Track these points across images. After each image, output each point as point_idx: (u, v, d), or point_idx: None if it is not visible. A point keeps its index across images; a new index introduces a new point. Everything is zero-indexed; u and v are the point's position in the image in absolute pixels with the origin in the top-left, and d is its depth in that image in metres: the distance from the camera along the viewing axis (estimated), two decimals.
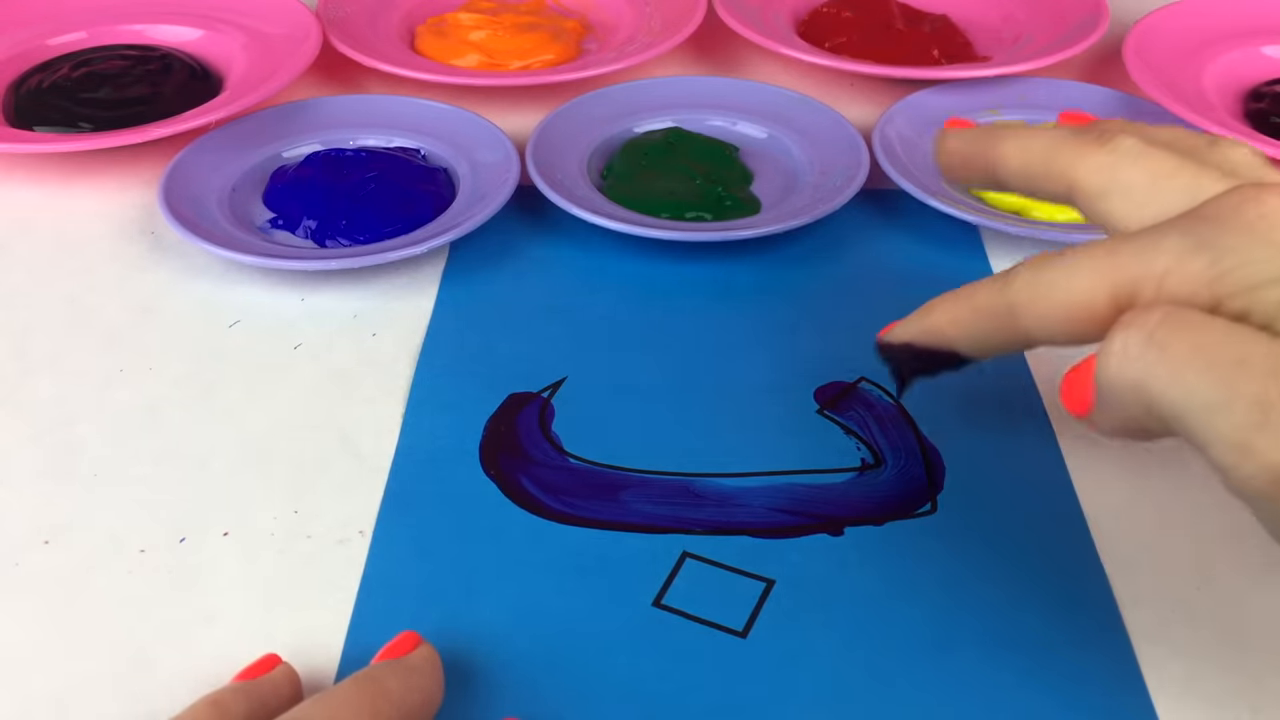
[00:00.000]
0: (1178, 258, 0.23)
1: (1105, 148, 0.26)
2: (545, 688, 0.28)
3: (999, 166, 0.29)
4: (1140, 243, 0.24)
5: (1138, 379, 0.22)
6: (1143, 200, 0.26)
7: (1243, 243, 0.23)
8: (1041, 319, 0.25)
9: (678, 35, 0.53)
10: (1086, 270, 0.24)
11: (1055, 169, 0.27)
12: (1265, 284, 0.22)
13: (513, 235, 0.43)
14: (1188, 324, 0.22)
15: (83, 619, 0.30)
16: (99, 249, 0.43)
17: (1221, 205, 0.23)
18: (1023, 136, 0.28)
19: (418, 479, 0.33)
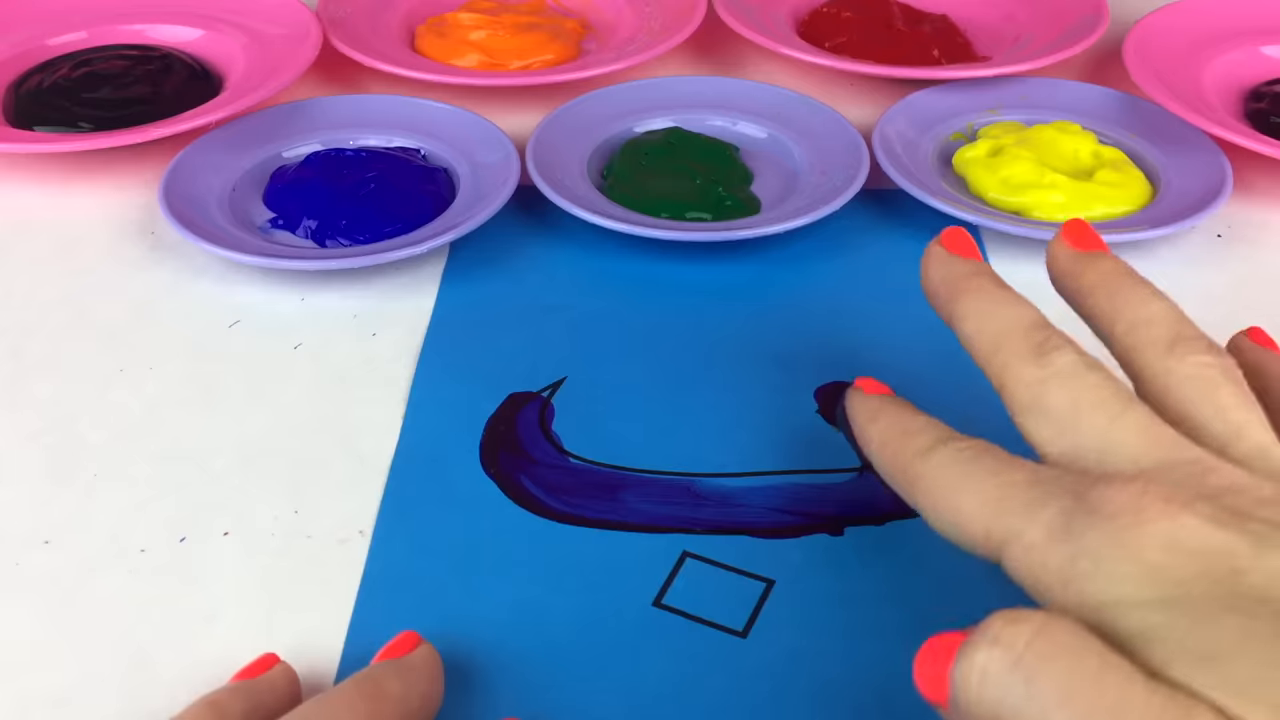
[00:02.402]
0: (1046, 539, 0.22)
1: (1039, 361, 0.25)
2: (545, 688, 0.28)
3: (955, 325, 0.28)
4: (1026, 501, 0.23)
5: (996, 712, 0.20)
6: (1059, 430, 0.24)
7: (1108, 552, 0.21)
8: (930, 514, 0.25)
9: (678, 35, 0.53)
10: (976, 500, 0.24)
11: (993, 365, 0.26)
12: (1114, 604, 0.21)
13: (513, 235, 0.43)
14: (1058, 652, 0.20)
15: (83, 619, 0.30)
16: (99, 249, 0.43)
17: (1108, 499, 0.22)
18: (985, 302, 0.27)
19: (418, 479, 0.33)
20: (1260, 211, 0.45)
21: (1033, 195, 0.43)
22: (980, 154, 0.45)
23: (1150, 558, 0.21)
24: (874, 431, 0.28)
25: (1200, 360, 0.25)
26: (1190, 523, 0.21)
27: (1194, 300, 0.41)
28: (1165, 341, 0.25)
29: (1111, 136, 0.47)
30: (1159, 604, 0.20)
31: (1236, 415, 0.24)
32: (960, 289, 0.28)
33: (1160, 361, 0.25)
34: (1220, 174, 0.44)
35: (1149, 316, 0.26)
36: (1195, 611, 0.20)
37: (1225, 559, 0.20)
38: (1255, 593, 0.20)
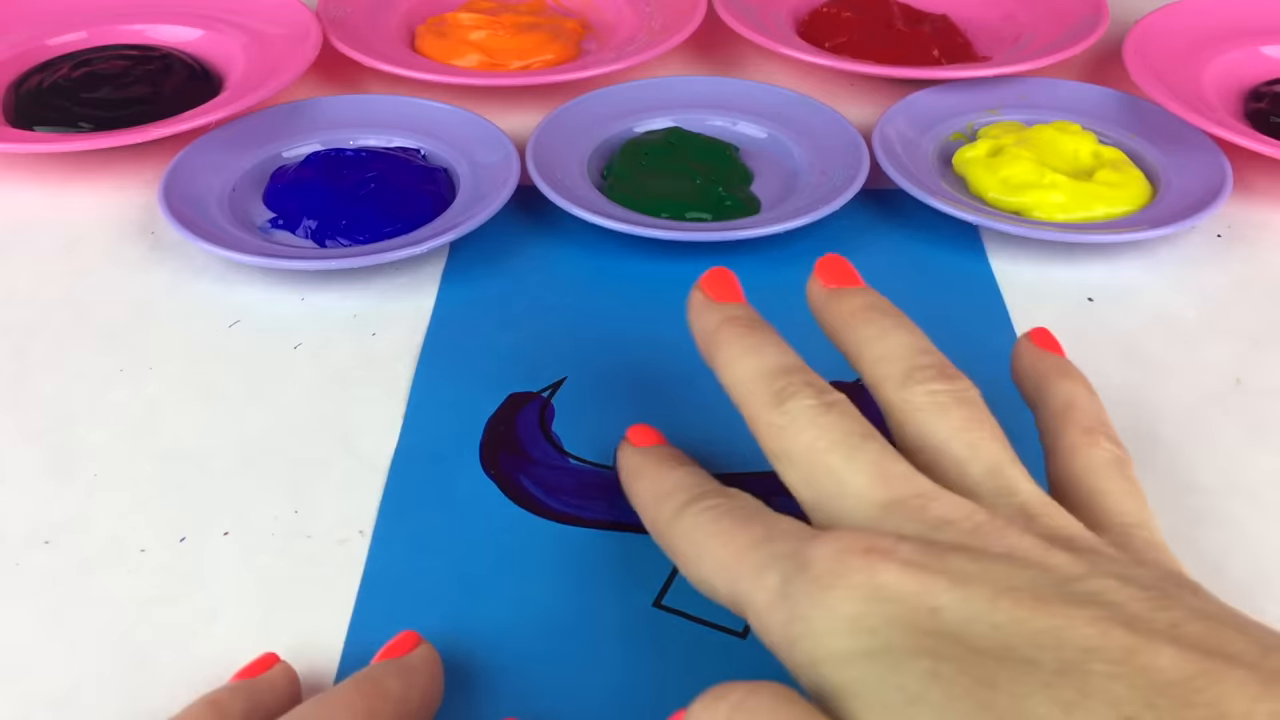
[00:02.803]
0: (770, 604, 0.22)
1: (779, 409, 0.26)
2: (545, 688, 0.28)
3: (715, 371, 0.28)
4: (754, 566, 0.23)
5: None
6: (803, 476, 0.25)
7: (814, 611, 0.21)
8: (688, 574, 0.25)
9: (678, 35, 0.53)
10: (718, 561, 0.24)
11: (746, 416, 0.27)
12: (822, 661, 0.21)
13: (513, 235, 0.43)
14: None
15: (83, 619, 0.30)
16: (99, 249, 0.43)
17: (814, 559, 0.22)
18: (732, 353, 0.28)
19: (418, 479, 0.33)
20: (1260, 211, 0.45)
21: (1033, 195, 0.43)
22: (980, 154, 0.45)
23: (848, 610, 0.21)
24: (636, 493, 0.29)
25: (930, 389, 0.26)
26: (887, 570, 0.21)
27: (1194, 300, 0.41)
28: (900, 375, 0.26)
29: (1111, 136, 0.47)
30: (858, 656, 0.20)
31: (967, 436, 0.25)
32: (714, 341, 0.28)
33: (897, 394, 0.26)
34: (1220, 174, 0.44)
35: (884, 352, 0.27)
36: (889, 660, 0.20)
37: (924, 599, 0.21)
38: (948, 630, 0.20)
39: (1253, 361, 0.38)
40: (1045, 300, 0.41)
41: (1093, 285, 0.42)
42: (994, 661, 0.19)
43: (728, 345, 0.28)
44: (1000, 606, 0.20)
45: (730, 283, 0.30)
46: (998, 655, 0.20)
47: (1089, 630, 0.20)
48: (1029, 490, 0.24)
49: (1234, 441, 0.35)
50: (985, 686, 0.19)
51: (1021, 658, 0.19)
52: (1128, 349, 0.39)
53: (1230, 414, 0.36)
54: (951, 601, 0.21)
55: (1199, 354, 0.38)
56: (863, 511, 0.24)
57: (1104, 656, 0.19)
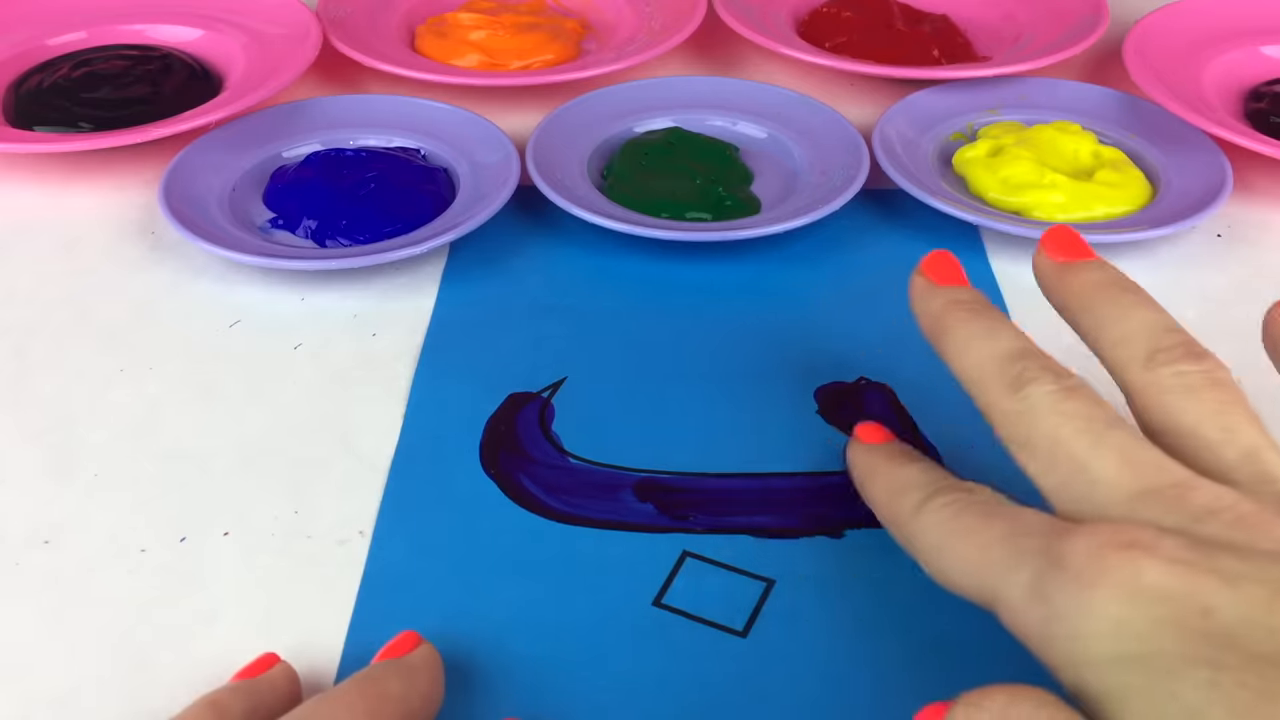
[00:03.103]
0: (1023, 602, 0.22)
1: (1016, 395, 0.25)
2: (545, 688, 0.28)
3: (943, 357, 0.28)
4: (1002, 556, 0.23)
5: None
6: (1045, 465, 0.24)
7: (1074, 611, 0.21)
8: (931, 570, 0.25)
9: (678, 35, 0.53)
10: (965, 556, 0.24)
11: (980, 403, 0.26)
12: (1086, 664, 0.20)
13: (513, 235, 0.43)
14: None
15: (83, 619, 0.30)
16: (99, 249, 0.43)
17: (1071, 554, 0.21)
18: (962, 337, 0.27)
19: (418, 479, 0.33)
20: (1260, 211, 0.45)
21: (1033, 195, 0.43)
22: (980, 154, 0.45)
23: (1112, 612, 0.20)
24: (871, 491, 0.28)
25: (1178, 369, 0.25)
26: (1152, 568, 0.20)
27: (1194, 300, 0.41)
28: (1144, 355, 0.25)
29: (1111, 136, 0.47)
30: (1127, 661, 0.20)
31: (1221, 419, 0.24)
32: (940, 327, 0.28)
33: (1141, 376, 0.25)
34: (1220, 174, 0.44)
35: (1126, 333, 0.26)
36: (1162, 666, 0.19)
37: (1194, 600, 0.20)
38: (1223, 635, 0.19)
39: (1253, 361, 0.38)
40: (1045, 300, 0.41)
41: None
42: (1276, 670, 0.19)
43: (956, 330, 0.27)
44: (1277, 609, 0.19)
45: (952, 265, 0.29)
46: (1276, 662, 0.19)
47: None
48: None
49: None
50: (1269, 699, 0.18)
51: None
52: None
53: None
54: (1225, 603, 0.20)
55: None
56: (1114, 501, 0.23)
57: None
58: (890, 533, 0.27)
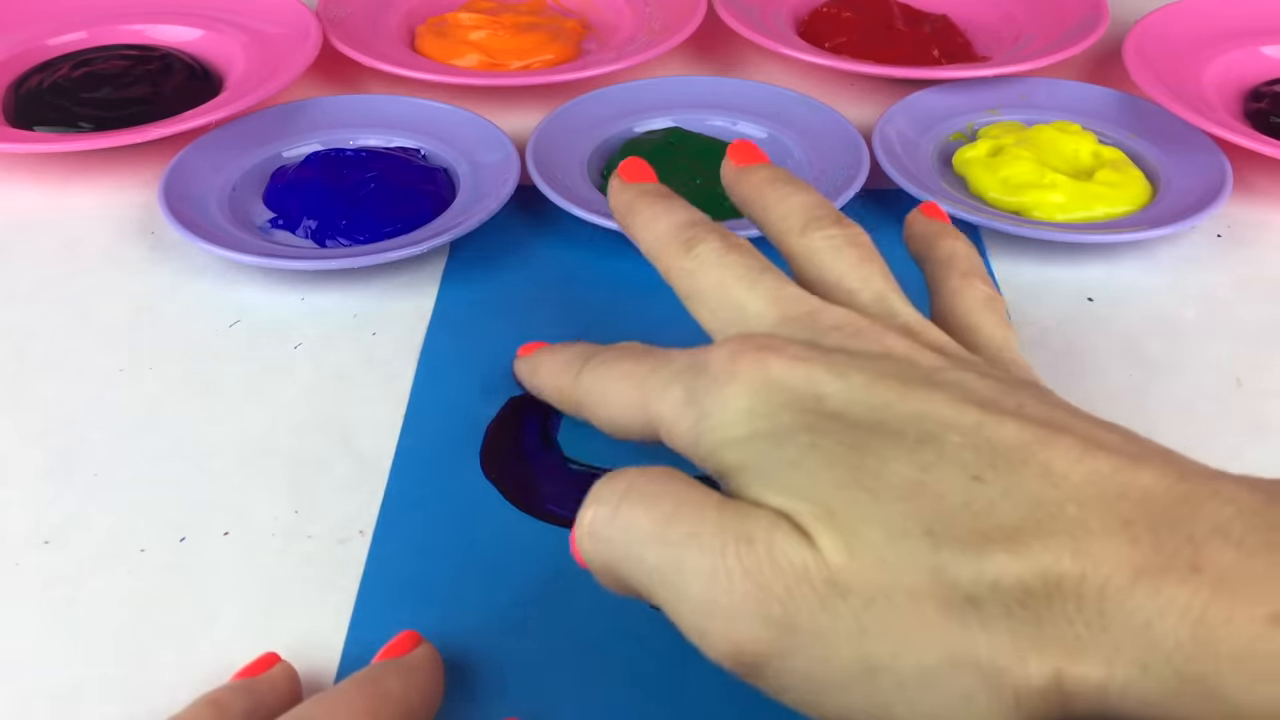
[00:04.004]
0: (678, 411, 0.25)
1: (689, 254, 0.29)
2: (545, 688, 0.28)
3: (633, 239, 0.31)
4: (656, 384, 0.26)
5: (606, 560, 0.24)
6: (712, 309, 0.28)
7: (715, 405, 0.24)
8: (600, 421, 0.29)
9: (678, 35, 0.53)
10: (625, 396, 0.28)
11: (660, 268, 0.30)
12: (722, 446, 0.24)
13: (513, 235, 0.43)
14: (644, 498, 0.23)
15: (83, 619, 0.30)
16: (99, 249, 0.43)
17: (712, 361, 0.25)
18: (646, 216, 0.31)
19: (418, 479, 0.33)
20: (1260, 211, 0.45)
21: (1033, 195, 0.43)
22: (980, 154, 0.45)
23: (744, 403, 0.24)
24: (538, 381, 0.33)
25: (827, 233, 0.29)
26: (777, 363, 0.24)
27: (1194, 300, 0.41)
28: (800, 225, 0.29)
29: (1111, 136, 0.48)
30: (752, 437, 0.23)
31: (859, 270, 0.28)
32: (630, 213, 0.31)
33: (798, 241, 0.29)
34: (1220, 174, 0.44)
35: (787, 210, 0.30)
36: (776, 437, 0.23)
37: (810, 388, 0.24)
38: (830, 411, 0.23)
39: (1253, 361, 0.38)
40: (1045, 300, 0.41)
41: (1093, 285, 0.42)
42: (866, 433, 0.23)
43: (642, 213, 0.31)
44: (875, 390, 0.23)
45: (643, 168, 0.33)
46: (869, 428, 0.23)
47: (947, 409, 0.23)
48: (910, 312, 0.27)
49: (1234, 441, 0.35)
50: (857, 452, 0.22)
51: (890, 430, 0.23)
52: (1128, 349, 0.39)
53: (1230, 414, 0.36)
54: (833, 390, 0.24)
55: (1199, 354, 0.38)
56: (761, 328, 0.26)
57: (958, 429, 0.22)
58: (564, 409, 0.32)
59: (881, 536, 0.21)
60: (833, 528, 0.21)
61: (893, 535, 0.21)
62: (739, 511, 0.22)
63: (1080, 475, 0.21)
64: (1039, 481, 0.21)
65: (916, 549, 0.21)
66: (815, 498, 0.22)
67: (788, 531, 0.22)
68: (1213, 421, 0.36)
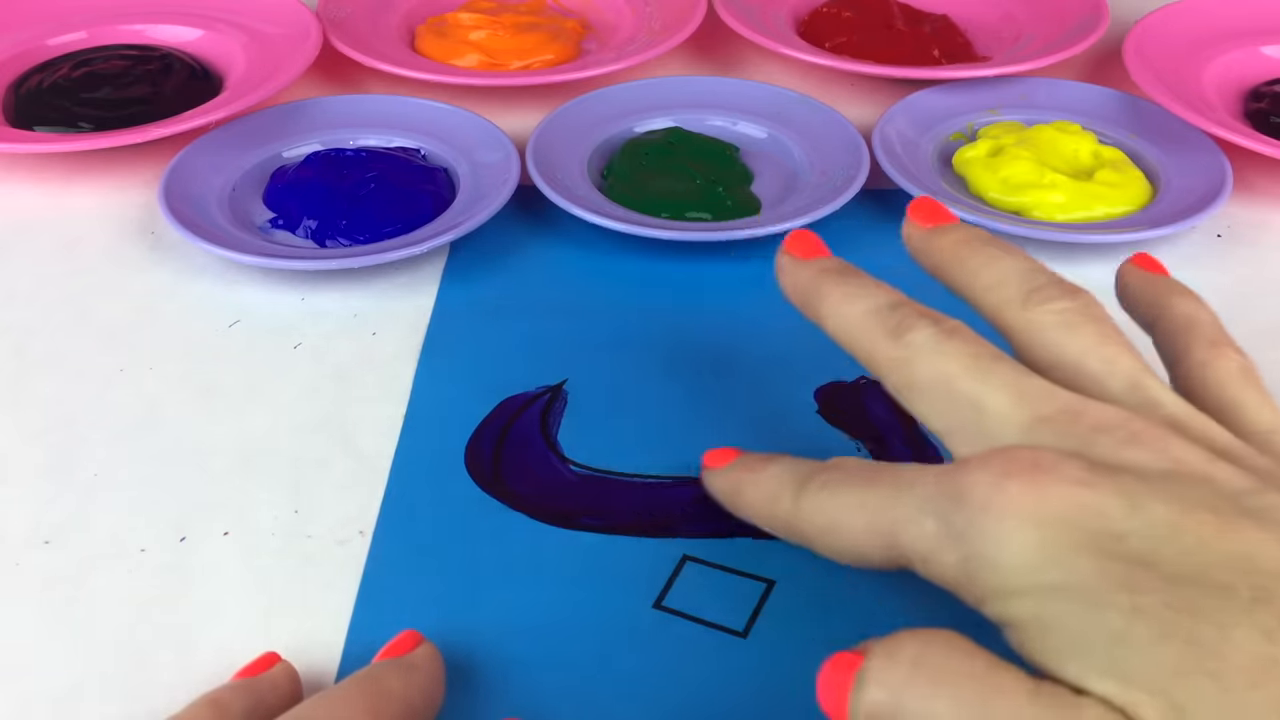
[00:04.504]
0: (936, 548, 0.22)
1: (898, 343, 0.25)
2: (546, 688, 0.28)
3: (820, 323, 0.28)
4: (902, 513, 0.23)
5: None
6: (936, 405, 0.25)
7: (988, 544, 0.21)
8: (830, 551, 0.25)
9: (678, 35, 0.53)
10: (862, 525, 0.24)
11: (862, 358, 0.27)
12: (1008, 595, 0.21)
13: (513, 235, 0.43)
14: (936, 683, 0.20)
15: (83, 619, 0.30)
16: (99, 249, 0.43)
17: (972, 488, 0.22)
18: (835, 299, 0.27)
19: (418, 479, 0.33)
20: (1260, 211, 0.45)
21: (1033, 195, 0.43)
22: (980, 154, 0.45)
23: (1026, 541, 0.21)
24: (746, 505, 0.28)
25: (1056, 307, 0.25)
26: (1057, 492, 0.21)
27: None
28: (1020, 297, 0.26)
29: (1111, 136, 0.48)
30: (1050, 590, 0.20)
31: (1102, 351, 0.25)
32: (814, 293, 0.28)
33: (1020, 315, 0.26)
34: (1220, 174, 0.44)
35: (1000, 277, 0.26)
36: (1083, 593, 0.20)
37: (1103, 524, 0.20)
38: (1135, 556, 0.20)
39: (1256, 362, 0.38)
40: None
41: (1093, 285, 0.41)
42: (1191, 590, 0.19)
43: (830, 293, 0.27)
44: (1185, 528, 0.20)
45: (815, 242, 0.29)
46: (1192, 581, 0.19)
47: (1276, 552, 0.20)
48: (1173, 401, 0.24)
49: None
50: (1188, 618, 0.19)
51: (1217, 584, 0.19)
52: None
53: None
54: (1136, 527, 0.20)
55: None
56: (1008, 432, 0.23)
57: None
58: (779, 535, 0.27)
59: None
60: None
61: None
62: (1061, 706, 0.19)
63: None
64: None
65: None
66: (1153, 687, 0.19)
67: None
68: None
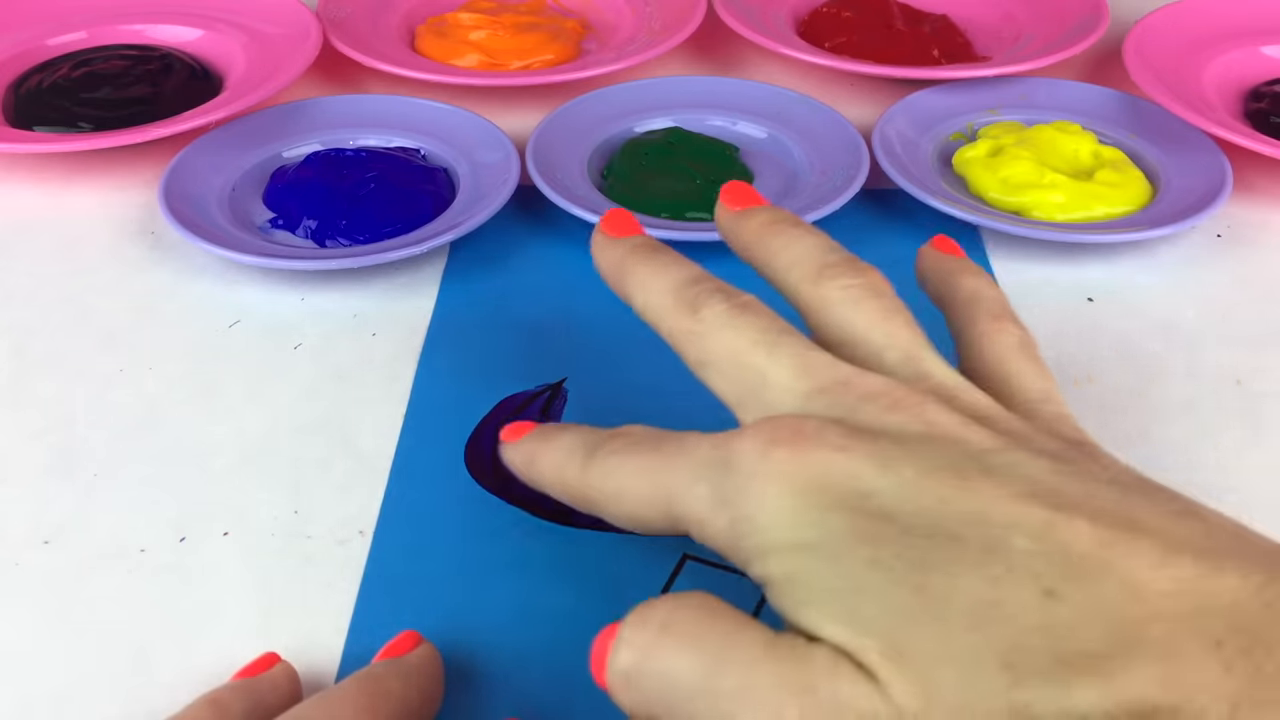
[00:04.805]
0: (709, 512, 0.23)
1: (694, 317, 0.26)
2: (545, 688, 0.28)
3: (628, 300, 0.29)
4: (678, 479, 0.24)
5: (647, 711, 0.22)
6: (728, 378, 0.25)
7: (752, 506, 0.22)
8: (615, 517, 0.26)
9: (678, 35, 0.53)
10: (643, 492, 0.24)
11: (661, 332, 0.27)
12: (767, 553, 0.22)
13: (513, 235, 0.43)
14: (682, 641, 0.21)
15: (83, 619, 0.30)
16: (99, 249, 0.43)
17: (740, 455, 0.23)
18: (640, 275, 0.28)
19: (418, 479, 0.33)
20: (1260, 211, 0.46)
21: (1033, 195, 0.43)
22: (980, 154, 0.45)
23: (787, 503, 0.22)
24: (538, 475, 0.28)
25: (844, 283, 0.26)
26: (816, 456, 0.22)
27: (1194, 300, 0.41)
28: (812, 274, 0.27)
29: (1111, 136, 0.48)
30: (799, 547, 0.21)
31: (884, 325, 0.26)
32: (622, 271, 0.29)
33: (812, 291, 0.27)
34: (1220, 174, 0.44)
35: (796, 256, 0.28)
36: (830, 548, 0.21)
37: (854, 483, 0.21)
38: (880, 511, 0.21)
39: (1253, 362, 0.38)
40: (1045, 300, 0.41)
41: (1093, 285, 0.42)
42: (925, 541, 0.20)
43: (635, 271, 0.28)
44: (927, 487, 0.21)
45: (629, 220, 0.30)
46: (927, 534, 0.21)
47: (1010, 506, 0.21)
48: (944, 372, 0.25)
49: (1233, 442, 0.35)
50: (920, 569, 0.20)
51: (949, 535, 0.20)
52: (1128, 349, 0.39)
53: (1230, 414, 0.36)
54: (880, 485, 0.21)
55: (1199, 354, 0.38)
56: (788, 402, 0.24)
57: (1025, 531, 0.20)
58: (571, 503, 0.27)
59: (957, 676, 0.19)
60: (903, 669, 0.19)
61: (969, 674, 0.19)
62: (794, 655, 0.20)
63: (1162, 585, 0.19)
64: (1119, 595, 0.19)
65: (995, 687, 0.19)
66: (881, 632, 0.20)
67: (852, 676, 0.20)
68: (1212, 421, 0.36)
